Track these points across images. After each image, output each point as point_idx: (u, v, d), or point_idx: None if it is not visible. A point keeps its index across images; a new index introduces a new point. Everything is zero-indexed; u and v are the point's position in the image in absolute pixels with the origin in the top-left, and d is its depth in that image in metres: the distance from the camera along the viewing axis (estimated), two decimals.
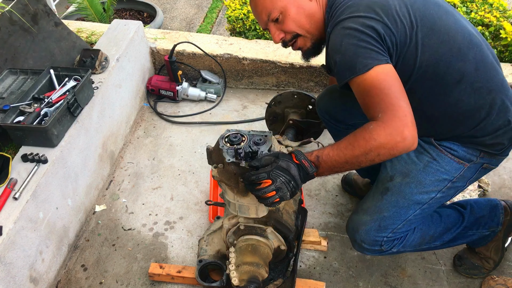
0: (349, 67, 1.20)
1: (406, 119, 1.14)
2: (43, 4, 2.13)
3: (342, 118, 1.76)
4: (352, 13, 1.24)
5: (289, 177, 1.21)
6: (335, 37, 1.25)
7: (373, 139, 1.15)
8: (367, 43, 1.19)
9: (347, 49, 1.20)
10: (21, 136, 1.71)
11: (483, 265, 1.71)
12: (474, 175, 1.45)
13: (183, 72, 2.72)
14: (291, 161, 1.23)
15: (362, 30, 1.20)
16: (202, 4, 4.69)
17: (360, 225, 1.49)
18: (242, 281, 1.43)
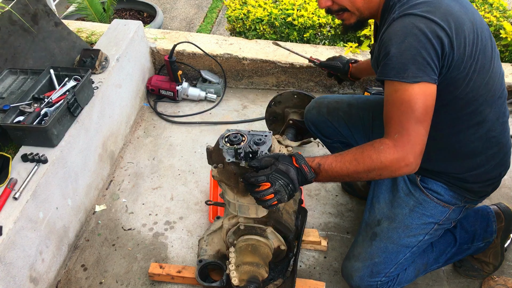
0: (399, 69, 1.15)
1: (417, 147, 1.16)
2: (43, 4, 2.13)
3: (327, 134, 1.81)
4: (427, 13, 1.16)
5: (288, 180, 1.22)
6: (401, 28, 1.17)
7: (379, 161, 1.18)
8: (428, 55, 1.14)
9: (407, 50, 1.14)
10: (21, 136, 1.71)
11: (483, 268, 1.71)
12: (459, 216, 1.50)
13: (183, 72, 2.72)
14: (290, 164, 1.23)
15: (430, 38, 1.14)
16: (202, 4, 4.69)
17: (353, 272, 1.51)
18: (242, 281, 1.43)
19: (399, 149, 1.16)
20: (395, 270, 1.50)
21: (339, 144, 1.82)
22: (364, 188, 2.03)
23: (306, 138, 2.08)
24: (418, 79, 1.13)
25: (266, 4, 2.86)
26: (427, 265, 1.62)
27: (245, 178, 1.25)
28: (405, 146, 1.16)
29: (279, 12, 2.75)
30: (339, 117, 1.73)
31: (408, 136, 1.16)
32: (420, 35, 1.13)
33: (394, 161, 1.17)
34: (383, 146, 1.18)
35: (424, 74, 1.14)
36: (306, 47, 2.71)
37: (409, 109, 1.15)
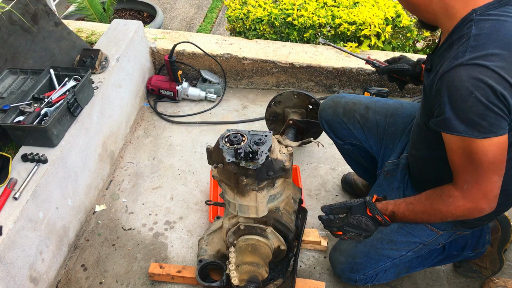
0: (467, 125, 1.05)
1: (490, 194, 1.12)
2: (43, 4, 2.13)
3: (340, 135, 1.76)
4: (501, 70, 1.02)
5: (360, 231, 1.32)
6: (467, 79, 1.04)
7: (450, 213, 1.18)
8: (498, 109, 1.03)
9: (475, 105, 1.03)
10: (21, 136, 1.71)
11: (481, 271, 1.70)
12: (447, 240, 1.49)
13: (183, 72, 2.72)
14: (363, 215, 1.30)
15: (497, 95, 1.02)
16: (202, 4, 4.69)
17: (336, 264, 1.65)
18: (242, 281, 1.43)
19: (469, 200, 1.14)
20: (374, 272, 1.58)
21: (350, 146, 1.78)
22: (365, 188, 2.03)
23: (306, 138, 2.08)
24: (490, 134, 1.05)
25: (266, 4, 2.85)
26: (410, 269, 1.65)
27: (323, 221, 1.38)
28: (476, 195, 1.13)
29: (279, 12, 2.75)
30: (354, 120, 1.68)
31: (479, 186, 1.12)
32: (489, 91, 1.02)
33: (466, 211, 1.16)
34: (452, 199, 1.16)
35: (497, 129, 1.05)
36: (306, 47, 2.71)
37: (478, 161, 1.09)
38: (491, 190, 1.12)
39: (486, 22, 1.07)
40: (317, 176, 2.19)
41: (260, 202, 1.37)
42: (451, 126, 1.08)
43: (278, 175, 1.35)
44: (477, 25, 1.07)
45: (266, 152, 1.31)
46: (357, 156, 1.81)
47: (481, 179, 1.11)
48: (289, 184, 1.48)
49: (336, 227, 1.34)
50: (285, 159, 1.38)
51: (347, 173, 2.13)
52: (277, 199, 1.45)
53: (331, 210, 1.37)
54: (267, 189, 1.37)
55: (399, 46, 2.82)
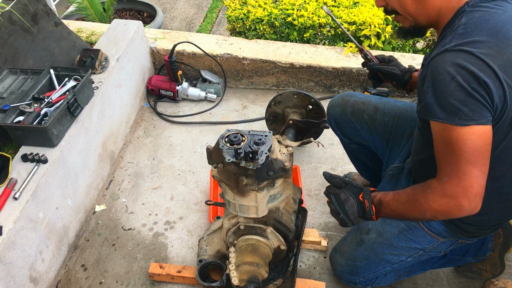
0: (448, 111, 1.05)
1: (470, 190, 1.07)
2: (43, 4, 2.13)
3: (347, 133, 1.75)
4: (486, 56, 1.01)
5: (340, 209, 1.31)
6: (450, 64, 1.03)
7: (428, 205, 1.14)
8: (480, 96, 1.02)
9: (457, 89, 1.02)
10: (21, 136, 1.71)
11: (481, 273, 1.70)
12: (449, 248, 1.47)
13: (183, 72, 2.72)
14: (354, 196, 1.29)
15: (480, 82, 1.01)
16: (202, 4, 4.69)
17: (336, 265, 1.65)
18: (242, 281, 1.43)
19: (447, 193, 1.10)
20: (374, 275, 1.57)
21: (357, 145, 1.77)
22: None
23: (306, 138, 2.08)
24: (471, 122, 1.03)
25: (266, 4, 2.86)
26: (410, 272, 1.64)
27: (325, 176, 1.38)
28: (454, 190, 1.08)
29: (279, 12, 2.75)
30: (362, 120, 1.66)
31: (458, 180, 1.07)
32: (471, 77, 1.01)
33: (443, 205, 1.11)
34: (431, 190, 1.13)
35: (479, 117, 1.03)
36: (306, 47, 2.71)
37: (459, 150, 1.06)
38: (471, 185, 1.07)
39: (476, 13, 1.07)
40: (317, 176, 2.19)
41: (260, 202, 1.37)
42: (432, 111, 1.08)
43: (278, 175, 1.35)
44: (467, 15, 1.08)
45: (266, 152, 1.31)
46: (362, 156, 1.81)
47: (460, 171, 1.07)
48: (289, 184, 1.48)
49: (327, 190, 1.36)
50: (285, 159, 1.38)
51: (348, 173, 2.13)
52: (277, 199, 1.45)
53: (330, 177, 1.36)
54: (267, 189, 1.37)
55: (399, 46, 2.82)
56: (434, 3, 1.14)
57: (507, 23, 1.05)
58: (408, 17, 1.22)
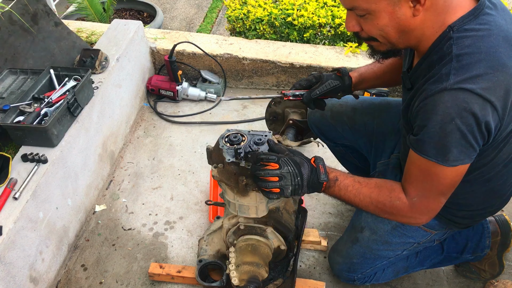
0: (439, 149, 1.06)
1: (433, 212, 1.19)
2: (43, 4, 2.13)
3: (331, 137, 1.77)
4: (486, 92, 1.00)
5: (297, 172, 1.18)
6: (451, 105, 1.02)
7: (391, 211, 1.21)
8: (475, 140, 1.04)
9: (453, 132, 1.03)
10: (21, 136, 1.71)
11: (480, 273, 1.70)
12: (442, 237, 1.51)
13: (183, 72, 2.72)
14: (307, 161, 1.22)
15: (479, 125, 1.02)
16: (202, 4, 4.69)
17: (334, 264, 1.66)
18: (242, 281, 1.43)
19: (414, 212, 1.18)
20: (372, 271, 1.58)
21: (342, 147, 1.79)
22: None
23: (306, 138, 2.08)
24: (458, 162, 1.07)
25: (266, 4, 2.85)
26: (409, 268, 1.65)
27: (255, 154, 1.21)
28: (421, 211, 1.18)
29: (279, 12, 2.75)
30: (343, 122, 1.67)
31: (427, 203, 1.17)
32: (471, 120, 1.01)
33: (406, 218, 1.21)
34: (399, 202, 1.18)
35: (465, 157, 1.07)
36: (306, 47, 2.71)
37: (437, 184, 1.12)
38: (435, 209, 1.18)
39: (466, 40, 1.04)
40: None
41: (260, 202, 1.37)
42: (424, 149, 1.09)
43: None
44: (457, 43, 1.04)
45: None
46: (350, 157, 1.83)
47: (431, 198, 1.16)
48: None
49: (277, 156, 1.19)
50: None
51: None
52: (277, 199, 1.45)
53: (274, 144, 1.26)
54: None
55: None
56: (417, 32, 1.10)
57: (497, 47, 1.03)
58: (387, 44, 1.17)
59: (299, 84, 1.56)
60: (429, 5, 1.04)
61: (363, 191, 1.22)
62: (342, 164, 1.94)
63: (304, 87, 1.56)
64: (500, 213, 1.68)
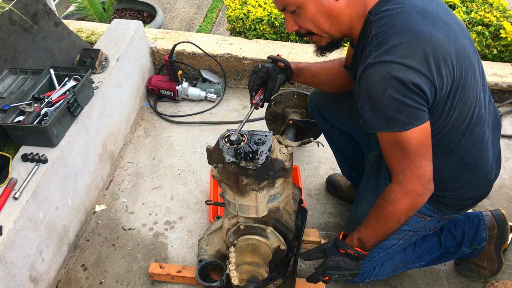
0: (387, 121, 1.13)
1: (423, 178, 1.20)
2: (43, 4, 2.13)
3: (329, 118, 1.78)
4: (405, 58, 1.08)
5: (341, 271, 1.40)
6: (377, 79, 1.10)
7: (398, 209, 1.25)
8: (413, 101, 1.10)
9: (389, 102, 1.10)
10: (21, 135, 1.71)
11: (479, 271, 1.70)
12: (437, 225, 1.52)
13: (183, 72, 2.72)
14: (338, 255, 1.39)
15: (410, 87, 1.08)
16: (202, 4, 4.69)
17: None
18: (242, 280, 1.43)
19: (407, 189, 1.21)
20: (370, 265, 1.58)
21: (338, 130, 1.80)
22: (347, 190, 2.02)
23: (306, 138, 2.08)
24: (410, 126, 1.12)
25: (266, 4, 2.85)
26: (407, 263, 1.64)
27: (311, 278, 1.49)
28: (411, 183, 1.20)
29: (279, 12, 2.75)
30: (343, 107, 1.70)
31: (411, 173, 1.19)
32: (399, 86, 1.08)
33: (409, 201, 1.23)
34: (393, 195, 1.24)
35: (415, 119, 1.12)
36: (306, 47, 2.71)
37: (406, 150, 1.16)
38: (423, 174, 1.19)
39: (381, 20, 1.13)
40: (317, 176, 2.19)
41: (260, 202, 1.37)
42: (373, 125, 1.17)
43: (278, 175, 1.35)
44: (375, 24, 1.14)
45: (266, 152, 1.31)
46: (343, 142, 1.82)
47: (412, 166, 1.18)
48: (289, 184, 1.48)
49: (321, 274, 1.44)
50: (285, 159, 1.38)
51: (332, 174, 2.13)
52: (277, 199, 1.45)
53: (308, 256, 1.48)
54: (267, 189, 1.37)
55: None
56: (345, 17, 1.20)
57: (410, 19, 1.11)
58: (324, 35, 1.26)
59: (256, 85, 1.59)
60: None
61: (373, 222, 1.33)
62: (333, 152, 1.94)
63: (260, 85, 1.61)
64: (497, 208, 1.69)
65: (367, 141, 1.68)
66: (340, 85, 1.65)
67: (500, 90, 2.52)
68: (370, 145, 1.66)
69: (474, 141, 1.30)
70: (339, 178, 2.08)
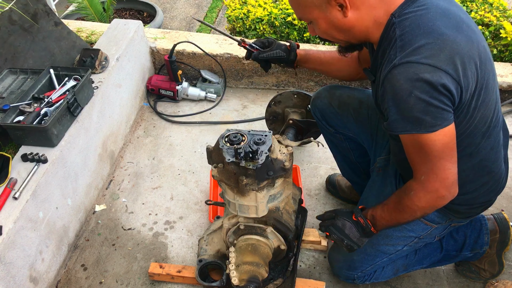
0: (413, 122, 1.13)
1: (447, 181, 1.19)
2: (43, 3, 2.13)
3: (334, 124, 1.78)
4: (431, 58, 1.07)
5: (343, 236, 1.40)
6: (404, 80, 1.09)
7: (415, 205, 1.25)
8: (439, 102, 1.09)
9: (416, 103, 1.09)
10: (21, 135, 1.71)
11: (480, 272, 1.70)
12: (443, 232, 1.51)
13: (183, 71, 2.72)
14: (348, 219, 1.40)
15: (436, 87, 1.07)
16: (202, 4, 4.69)
17: (334, 262, 1.67)
18: (242, 280, 1.43)
19: (428, 190, 1.21)
20: (372, 269, 1.58)
21: (342, 135, 1.79)
22: (348, 190, 2.02)
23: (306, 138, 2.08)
24: (437, 127, 1.11)
25: (266, 3, 2.86)
26: (408, 266, 1.65)
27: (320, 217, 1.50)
28: (433, 184, 1.19)
29: (279, 11, 2.75)
30: (348, 113, 1.70)
31: (434, 175, 1.18)
32: (426, 87, 1.07)
33: (428, 201, 1.23)
34: (413, 191, 1.23)
35: (442, 121, 1.11)
36: (305, 46, 2.70)
37: (430, 151, 1.15)
38: (446, 177, 1.18)
39: (405, 21, 1.13)
40: (317, 176, 2.19)
41: (260, 202, 1.37)
42: (399, 127, 1.16)
43: (278, 175, 1.35)
44: (399, 26, 1.13)
45: (266, 152, 1.31)
46: (346, 148, 1.82)
47: (435, 168, 1.17)
48: (289, 184, 1.48)
49: (324, 226, 1.45)
50: (285, 159, 1.38)
51: (332, 174, 2.13)
52: (277, 199, 1.45)
53: (321, 216, 1.49)
54: (267, 189, 1.37)
55: None
56: (358, 28, 1.20)
57: (435, 20, 1.11)
58: (341, 42, 1.31)
59: (260, 42, 1.73)
60: (359, 4, 1.15)
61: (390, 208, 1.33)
62: (334, 156, 1.94)
63: (259, 46, 1.73)
64: (499, 212, 1.69)
65: (373, 146, 1.67)
66: (348, 76, 1.69)
67: (500, 90, 2.52)
68: (377, 150, 1.65)
69: (492, 144, 1.29)
70: (339, 178, 2.08)
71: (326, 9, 1.17)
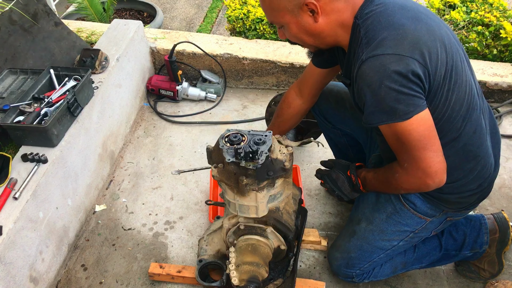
0: (388, 112, 1.16)
1: (429, 170, 1.20)
2: (43, 4, 2.13)
3: (332, 120, 1.80)
4: (395, 48, 1.11)
5: (335, 187, 1.50)
6: (373, 73, 1.13)
7: (399, 185, 1.30)
8: (409, 89, 1.12)
9: (387, 93, 1.13)
10: (21, 136, 1.71)
11: (479, 272, 1.70)
12: (438, 227, 1.51)
13: (183, 71, 2.72)
14: (343, 173, 1.49)
15: (405, 75, 1.11)
16: (202, 4, 4.69)
17: (333, 260, 1.67)
18: (242, 281, 1.43)
19: (412, 176, 1.24)
20: (370, 266, 1.59)
21: (340, 130, 1.82)
22: None
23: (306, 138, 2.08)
24: (410, 114, 1.14)
25: None
26: (407, 264, 1.65)
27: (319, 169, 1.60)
28: (417, 172, 1.22)
29: None
30: (345, 109, 1.73)
31: (416, 164, 1.21)
32: (394, 76, 1.11)
33: (412, 184, 1.26)
34: (398, 174, 1.28)
35: (414, 107, 1.14)
36: None
37: (409, 139, 1.18)
38: (428, 166, 1.19)
39: (367, 20, 1.18)
40: None
41: (260, 202, 1.37)
42: (375, 119, 1.20)
43: (278, 175, 1.35)
44: (362, 26, 1.19)
45: (266, 152, 1.31)
46: (344, 144, 1.84)
47: (416, 157, 1.20)
48: (289, 184, 1.48)
49: (320, 174, 1.56)
50: (285, 159, 1.38)
51: None
52: (277, 199, 1.45)
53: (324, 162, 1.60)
54: (267, 189, 1.37)
55: None
56: (327, 33, 1.25)
57: (394, 14, 1.16)
58: (311, 46, 1.35)
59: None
60: (329, 10, 1.20)
61: (380, 178, 1.39)
62: (332, 150, 1.97)
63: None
64: (499, 212, 1.69)
65: (368, 142, 1.69)
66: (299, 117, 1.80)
67: (500, 90, 2.52)
68: (372, 146, 1.67)
69: (474, 128, 1.30)
70: None
71: (298, 14, 1.21)
